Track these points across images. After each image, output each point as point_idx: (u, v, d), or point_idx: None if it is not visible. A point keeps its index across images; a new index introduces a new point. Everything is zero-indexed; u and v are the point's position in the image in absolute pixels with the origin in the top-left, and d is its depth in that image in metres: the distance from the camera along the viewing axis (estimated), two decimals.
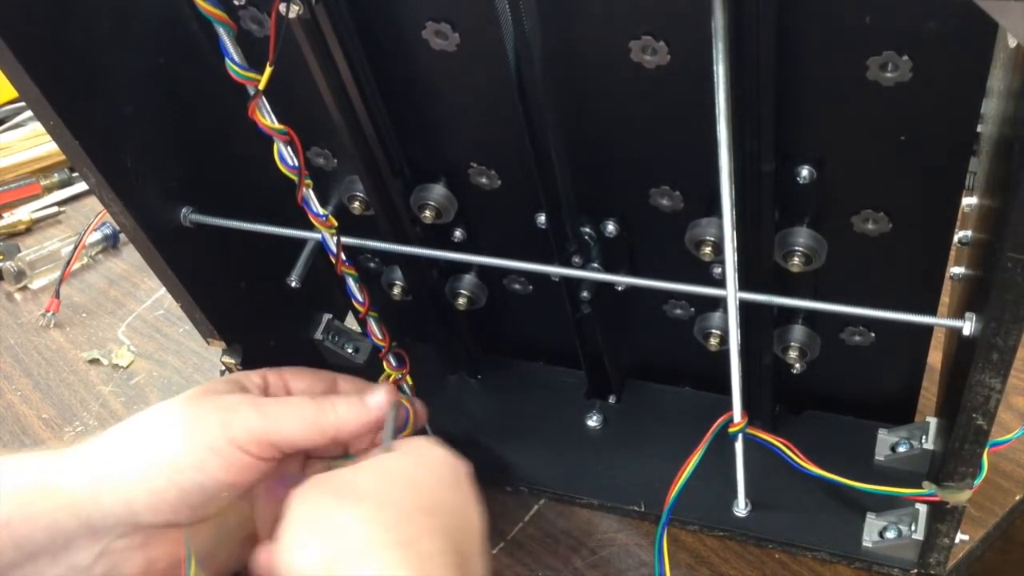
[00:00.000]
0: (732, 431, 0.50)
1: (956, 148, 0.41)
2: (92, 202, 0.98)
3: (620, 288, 0.55)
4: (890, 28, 0.37)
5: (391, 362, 0.55)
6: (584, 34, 0.42)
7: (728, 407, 0.49)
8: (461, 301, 0.60)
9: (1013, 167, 0.33)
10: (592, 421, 0.63)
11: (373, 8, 0.45)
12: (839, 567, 0.55)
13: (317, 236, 0.51)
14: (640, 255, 0.53)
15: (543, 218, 0.51)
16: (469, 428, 0.64)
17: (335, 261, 0.51)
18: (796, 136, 0.43)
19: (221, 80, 0.44)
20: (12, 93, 0.43)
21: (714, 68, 0.37)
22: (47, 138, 0.45)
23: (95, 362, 0.79)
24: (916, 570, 0.53)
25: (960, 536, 0.54)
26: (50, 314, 0.84)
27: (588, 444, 0.62)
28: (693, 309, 0.55)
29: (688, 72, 0.41)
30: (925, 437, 0.55)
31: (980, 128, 0.42)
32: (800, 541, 0.55)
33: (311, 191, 0.48)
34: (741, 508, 0.56)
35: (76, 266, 0.88)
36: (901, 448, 0.56)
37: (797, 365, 0.55)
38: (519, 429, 0.64)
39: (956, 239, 0.48)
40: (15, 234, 0.96)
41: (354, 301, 0.53)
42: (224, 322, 0.56)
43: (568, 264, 0.52)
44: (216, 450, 0.47)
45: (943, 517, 0.48)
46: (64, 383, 0.77)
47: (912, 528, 0.52)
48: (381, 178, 0.52)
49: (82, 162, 0.46)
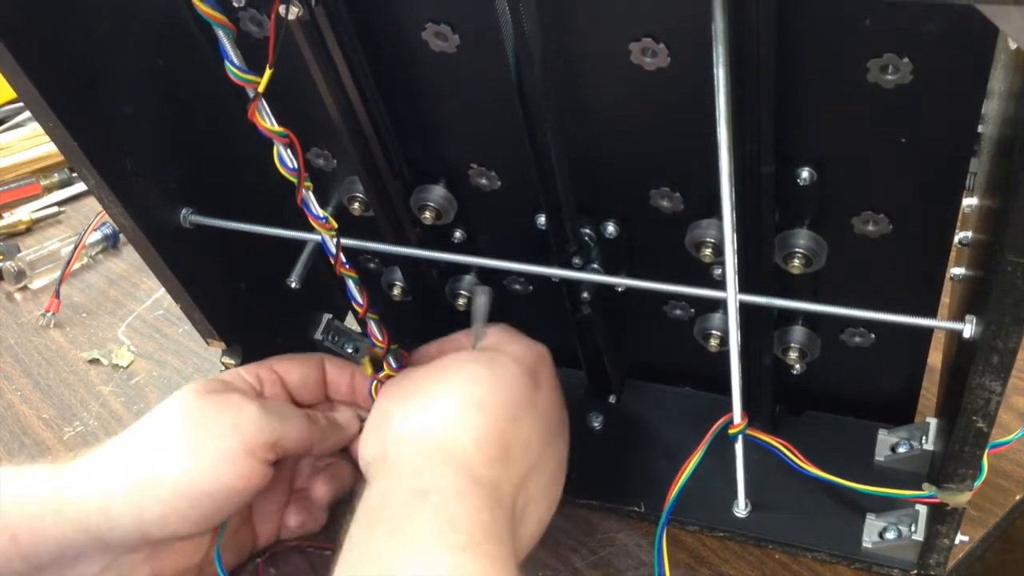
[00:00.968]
0: (732, 432, 0.50)
1: (956, 149, 0.41)
2: (92, 202, 0.98)
3: (620, 289, 0.55)
4: (890, 30, 0.37)
5: (391, 363, 0.55)
6: (584, 36, 0.42)
7: (728, 408, 0.49)
8: (461, 301, 0.59)
9: (1013, 168, 0.33)
10: (592, 421, 0.63)
11: (373, 9, 0.45)
12: (839, 567, 0.55)
13: (317, 237, 0.51)
14: (640, 256, 0.53)
15: (543, 219, 0.51)
16: None
17: (334, 263, 0.50)
18: (796, 138, 0.43)
19: (221, 81, 0.43)
20: (12, 93, 0.43)
21: (714, 70, 0.37)
22: (47, 138, 0.45)
23: (95, 362, 0.79)
24: (916, 571, 0.53)
25: (960, 537, 0.54)
26: (50, 314, 0.83)
27: (588, 444, 0.62)
28: (693, 310, 0.55)
29: (688, 74, 0.41)
30: (925, 438, 0.55)
31: (980, 129, 0.42)
32: (800, 541, 0.55)
33: (311, 193, 0.48)
34: (741, 508, 0.56)
35: (76, 266, 0.88)
36: (901, 449, 0.56)
37: (797, 366, 0.55)
38: None
39: (956, 240, 0.48)
40: (15, 234, 0.96)
41: (353, 303, 0.53)
42: (224, 322, 0.56)
43: (568, 265, 0.52)
44: (229, 459, 0.46)
45: (943, 518, 0.48)
46: (64, 383, 0.77)
47: (912, 529, 0.52)
48: (381, 179, 0.52)
49: (81, 163, 0.46)
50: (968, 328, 0.40)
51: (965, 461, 0.44)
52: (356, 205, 0.55)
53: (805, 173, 0.44)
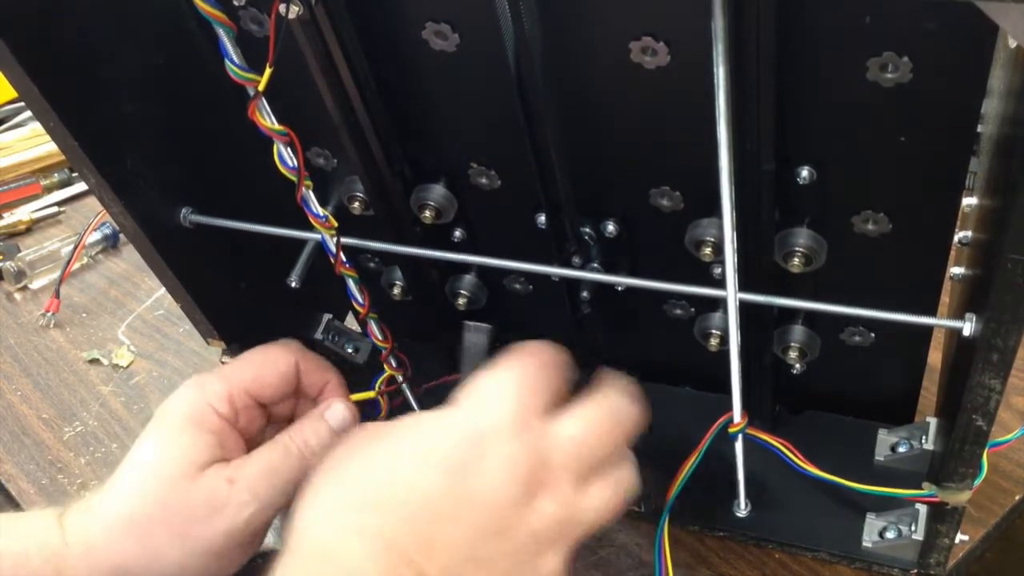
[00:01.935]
0: (732, 431, 0.50)
1: (956, 149, 0.41)
2: (92, 202, 0.98)
3: (620, 288, 0.55)
4: (890, 29, 0.37)
5: (392, 363, 0.55)
6: (584, 35, 0.42)
7: (728, 407, 0.49)
8: (461, 301, 0.59)
9: (1013, 167, 0.33)
10: None
11: (373, 8, 0.45)
12: (839, 567, 0.55)
13: (317, 236, 0.51)
14: (640, 255, 0.53)
15: (543, 218, 0.51)
16: None
17: (334, 262, 0.50)
18: (796, 137, 0.43)
19: (221, 80, 0.43)
20: (12, 93, 0.43)
21: (714, 69, 0.37)
22: (47, 138, 0.45)
23: (95, 362, 0.79)
24: (916, 570, 0.53)
25: (960, 536, 0.54)
26: (50, 314, 0.84)
27: None
28: (693, 309, 0.55)
29: (688, 73, 0.41)
30: (925, 437, 0.55)
31: (980, 128, 0.42)
32: (800, 541, 0.55)
33: (311, 192, 0.48)
34: (741, 508, 0.56)
35: (76, 266, 0.88)
36: (901, 448, 0.56)
37: (797, 365, 0.55)
38: None
39: (956, 239, 0.48)
40: (15, 234, 0.96)
41: (354, 302, 0.53)
42: (224, 322, 0.56)
43: (568, 264, 0.52)
44: (214, 555, 0.46)
45: (943, 517, 0.48)
46: (64, 383, 0.77)
47: (912, 528, 0.52)
48: (381, 178, 0.52)
49: (82, 163, 0.46)
50: (968, 326, 0.40)
51: (965, 460, 0.44)
52: (356, 204, 0.55)
53: (805, 172, 0.44)
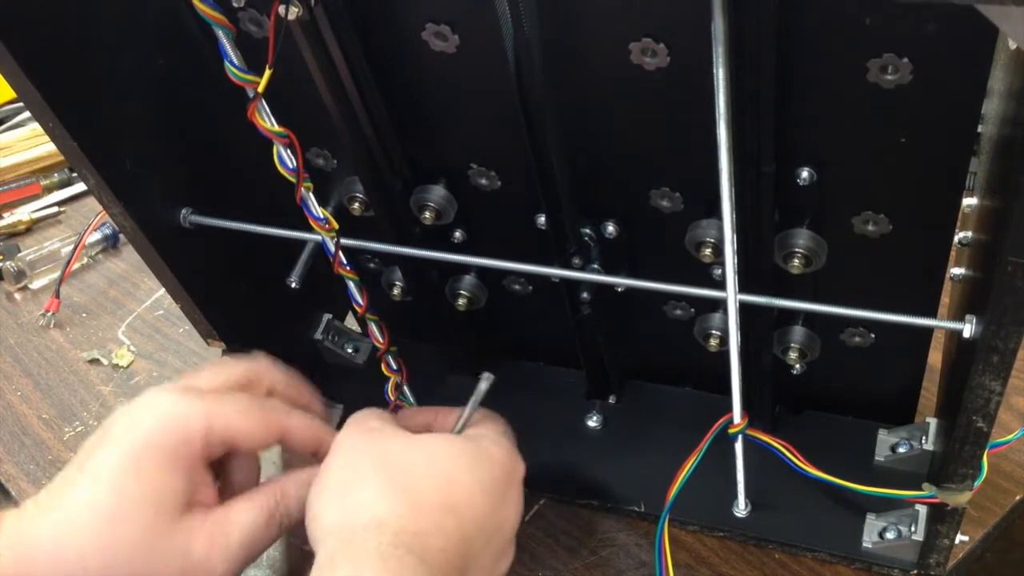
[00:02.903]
0: (732, 432, 0.50)
1: (956, 149, 0.41)
2: (92, 202, 0.98)
3: (620, 289, 0.55)
4: (890, 30, 0.37)
5: (390, 364, 0.55)
6: (584, 36, 0.42)
7: (728, 407, 0.49)
8: (461, 302, 0.59)
9: (1013, 168, 0.33)
10: (592, 421, 0.63)
11: (373, 10, 0.45)
12: (839, 567, 0.55)
13: (317, 237, 0.51)
14: (640, 256, 0.53)
15: (543, 219, 0.51)
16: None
17: (333, 262, 0.50)
18: (796, 138, 0.43)
19: (221, 81, 0.43)
20: (12, 93, 0.43)
21: (714, 70, 0.37)
22: (47, 138, 0.45)
23: (95, 362, 0.79)
24: (916, 571, 0.53)
25: (960, 536, 0.54)
26: (50, 314, 0.83)
27: (588, 444, 0.62)
28: (693, 310, 0.55)
29: (688, 74, 0.41)
30: (925, 438, 0.55)
31: (980, 129, 0.42)
32: (800, 541, 0.55)
33: (310, 193, 0.48)
34: (741, 508, 0.56)
35: (76, 266, 0.88)
36: (901, 448, 0.56)
37: (797, 366, 0.55)
38: (519, 429, 0.63)
39: (956, 240, 0.48)
40: (15, 234, 0.96)
41: (354, 303, 0.53)
42: (224, 322, 0.56)
43: (568, 265, 0.52)
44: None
45: (943, 518, 0.48)
46: (64, 383, 0.77)
47: (912, 529, 0.52)
48: (381, 179, 0.52)
49: (81, 163, 0.46)
50: (968, 328, 0.40)
51: (965, 461, 0.44)
52: (356, 205, 0.55)
53: (805, 173, 0.44)
